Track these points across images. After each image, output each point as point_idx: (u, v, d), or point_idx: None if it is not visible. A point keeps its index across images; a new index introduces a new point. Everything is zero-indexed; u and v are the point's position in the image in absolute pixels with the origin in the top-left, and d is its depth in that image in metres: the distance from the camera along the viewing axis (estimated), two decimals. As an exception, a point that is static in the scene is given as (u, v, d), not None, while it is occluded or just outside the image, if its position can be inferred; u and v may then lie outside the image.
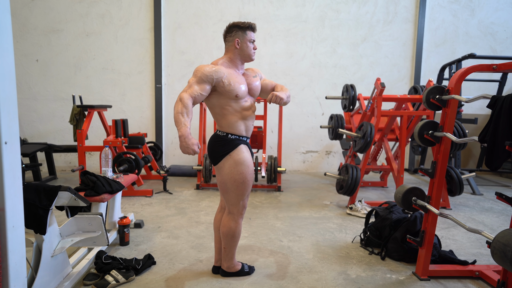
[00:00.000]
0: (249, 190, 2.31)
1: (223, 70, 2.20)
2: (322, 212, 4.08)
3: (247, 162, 2.24)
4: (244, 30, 2.26)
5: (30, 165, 5.07)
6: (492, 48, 6.72)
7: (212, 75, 2.15)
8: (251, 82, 2.33)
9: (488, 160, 2.09)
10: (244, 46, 2.27)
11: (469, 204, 4.54)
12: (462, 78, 2.32)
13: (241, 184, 2.24)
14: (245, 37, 2.26)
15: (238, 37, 2.26)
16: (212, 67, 2.19)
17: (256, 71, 2.45)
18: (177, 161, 6.66)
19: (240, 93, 2.21)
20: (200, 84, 2.15)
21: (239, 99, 2.22)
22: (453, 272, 2.53)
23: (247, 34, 2.26)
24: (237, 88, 2.19)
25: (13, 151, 1.46)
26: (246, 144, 2.32)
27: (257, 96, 2.42)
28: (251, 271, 2.51)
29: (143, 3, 6.34)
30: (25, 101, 6.34)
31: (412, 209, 2.61)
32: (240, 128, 2.27)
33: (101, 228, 2.27)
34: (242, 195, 2.28)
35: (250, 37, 2.27)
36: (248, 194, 2.33)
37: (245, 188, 2.26)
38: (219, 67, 2.20)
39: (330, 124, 5.30)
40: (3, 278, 1.47)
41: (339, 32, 6.61)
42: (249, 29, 2.27)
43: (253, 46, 2.31)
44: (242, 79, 2.27)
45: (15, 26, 6.16)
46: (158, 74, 6.43)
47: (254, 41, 2.31)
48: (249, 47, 2.28)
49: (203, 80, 2.15)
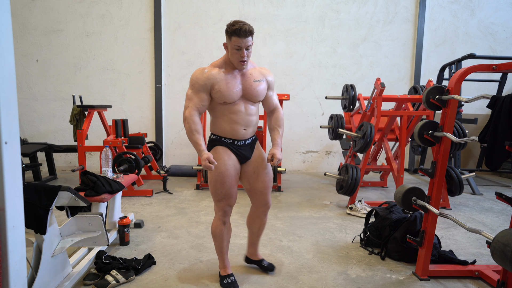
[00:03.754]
0: (223, 192, 2.20)
1: (215, 75, 2.13)
2: (322, 212, 4.08)
3: (220, 161, 2.17)
4: (230, 34, 2.06)
5: (30, 165, 5.07)
6: (492, 48, 6.72)
7: (206, 83, 2.12)
8: (249, 86, 2.18)
9: (488, 160, 2.09)
10: (230, 52, 2.11)
11: (469, 204, 4.54)
12: (462, 78, 2.32)
13: (212, 185, 2.21)
14: (230, 42, 2.08)
15: (226, 40, 2.12)
16: (204, 74, 2.13)
17: (265, 74, 2.28)
18: (177, 161, 6.66)
19: (228, 100, 2.13)
20: (198, 94, 2.14)
21: (228, 104, 2.17)
22: (453, 272, 2.53)
23: (232, 40, 2.05)
24: (225, 95, 2.12)
25: (13, 151, 1.46)
26: (229, 146, 2.23)
27: (257, 100, 2.25)
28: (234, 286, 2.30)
29: (143, 3, 6.34)
30: (25, 101, 6.34)
31: (412, 209, 2.61)
32: (224, 130, 2.22)
33: (101, 228, 2.27)
34: (215, 196, 2.22)
35: (236, 43, 2.04)
36: (225, 198, 2.21)
37: (216, 189, 2.20)
38: (211, 73, 2.13)
39: (330, 124, 5.30)
40: (3, 278, 1.47)
41: (339, 32, 6.61)
42: (234, 34, 2.03)
43: (241, 53, 2.06)
44: (235, 83, 2.15)
45: (15, 26, 6.16)
46: (158, 74, 6.44)
47: (244, 48, 2.05)
48: (234, 54, 2.09)
49: (199, 90, 2.14)
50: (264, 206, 2.40)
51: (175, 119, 6.58)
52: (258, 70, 2.27)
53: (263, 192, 2.35)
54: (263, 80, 2.26)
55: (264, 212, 2.43)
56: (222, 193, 2.21)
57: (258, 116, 2.33)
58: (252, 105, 2.25)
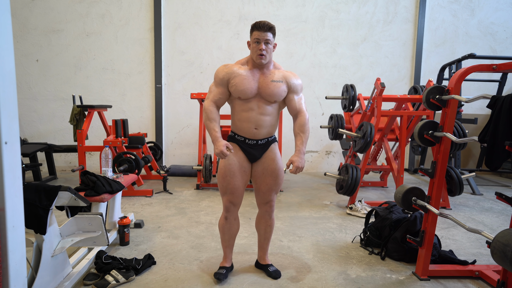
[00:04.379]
0: (224, 186, 2.31)
1: (235, 70, 2.24)
2: (322, 212, 4.08)
3: (224, 160, 2.28)
4: (251, 30, 2.23)
5: (30, 165, 5.07)
6: (492, 48, 6.72)
7: (224, 77, 2.25)
8: (265, 84, 2.22)
9: (488, 160, 2.09)
10: (251, 48, 2.24)
11: (469, 204, 4.54)
12: (462, 78, 2.32)
13: (218, 177, 2.34)
14: (251, 37, 2.23)
15: (250, 37, 2.25)
16: (224, 69, 2.26)
17: (287, 77, 2.29)
18: (177, 161, 6.66)
19: (242, 95, 2.21)
20: (218, 87, 2.28)
21: (242, 100, 2.24)
22: (453, 272, 2.53)
23: (252, 34, 2.21)
24: (239, 90, 2.20)
25: (13, 151, 1.46)
26: (240, 144, 2.31)
27: (273, 100, 2.25)
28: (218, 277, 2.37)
29: (143, 3, 6.34)
30: (25, 101, 6.34)
31: (412, 209, 2.61)
32: (237, 127, 2.32)
33: (101, 228, 2.27)
34: (220, 189, 2.35)
35: (255, 36, 2.18)
36: (226, 193, 2.32)
37: (219, 182, 2.33)
38: (232, 68, 2.25)
39: (330, 124, 5.30)
40: (3, 278, 1.47)
41: (339, 32, 6.61)
42: (253, 28, 2.20)
43: (259, 46, 2.17)
44: (252, 80, 2.21)
45: (15, 26, 6.16)
46: (158, 74, 6.44)
47: (262, 41, 2.16)
48: (253, 48, 2.20)
49: (219, 84, 2.27)
50: (266, 205, 2.42)
51: (175, 119, 6.59)
52: (282, 73, 2.30)
53: (266, 193, 2.38)
54: (283, 81, 2.26)
55: (267, 212, 2.45)
56: (223, 187, 2.32)
57: (275, 118, 2.32)
58: (267, 105, 2.26)
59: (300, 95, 2.35)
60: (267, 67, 2.27)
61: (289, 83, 2.29)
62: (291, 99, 2.32)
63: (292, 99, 2.32)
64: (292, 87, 2.30)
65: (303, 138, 2.30)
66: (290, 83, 2.29)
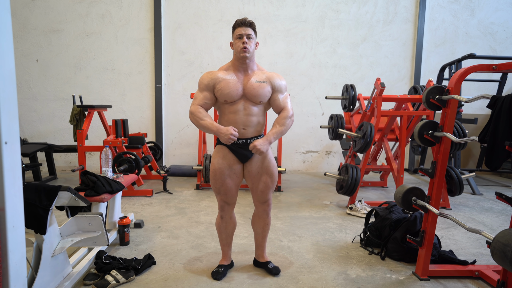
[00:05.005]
0: (217, 188, 2.34)
1: (219, 75, 2.27)
2: (322, 212, 4.08)
3: (214, 159, 2.32)
4: (233, 28, 2.28)
5: (30, 165, 5.07)
6: (492, 48, 6.72)
7: (210, 83, 2.27)
8: (249, 85, 2.24)
9: (488, 160, 2.09)
10: (234, 45, 2.27)
11: (469, 204, 4.54)
12: (462, 78, 2.32)
13: (210, 180, 2.37)
14: (233, 35, 2.27)
15: (232, 37, 2.30)
16: (209, 75, 2.28)
17: (270, 77, 2.31)
18: (177, 161, 6.66)
19: (228, 98, 2.24)
20: (203, 92, 2.28)
21: (228, 103, 2.27)
22: (453, 272, 2.53)
23: (235, 32, 2.26)
24: (224, 94, 2.23)
25: (13, 151, 1.46)
26: (229, 146, 2.29)
27: (258, 100, 2.27)
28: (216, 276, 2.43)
29: (143, 3, 6.34)
30: (25, 101, 6.34)
31: (412, 209, 2.61)
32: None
33: (101, 228, 2.27)
34: (214, 190, 2.38)
35: (238, 32, 2.23)
36: (220, 193, 2.36)
37: (213, 183, 2.35)
38: (217, 74, 2.28)
39: (330, 124, 5.30)
40: (3, 278, 1.47)
41: (339, 32, 6.61)
42: (235, 26, 2.26)
43: (242, 40, 2.21)
44: (236, 83, 2.24)
45: (15, 26, 6.16)
46: (158, 74, 6.44)
47: (245, 35, 2.21)
48: (235, 44, 2.25)
49: (204, 89, 2.29)
50: (264, 204, 2.44)
51: (175, 119, 6.59)
52: (266, 74, 2.34)
53: (264, 191, 2.39)
54: (267, 82, 2.29)
55: (265, 211, 2.47)
56: (216, 188, 2.36)
57: (261, 117, 2.34)
58: (253, 106, 2.29)
59: (285, 93, 2.37)
60: (251, 68, 2.30)
61: (273, 84, 2.32)
62: (276, 99, 2.34)
63: (277, 98, 2.34)
64: (276, 87, 2.32)
65: (277, 129, 2.29)
66: (274, 83, 2.32)
